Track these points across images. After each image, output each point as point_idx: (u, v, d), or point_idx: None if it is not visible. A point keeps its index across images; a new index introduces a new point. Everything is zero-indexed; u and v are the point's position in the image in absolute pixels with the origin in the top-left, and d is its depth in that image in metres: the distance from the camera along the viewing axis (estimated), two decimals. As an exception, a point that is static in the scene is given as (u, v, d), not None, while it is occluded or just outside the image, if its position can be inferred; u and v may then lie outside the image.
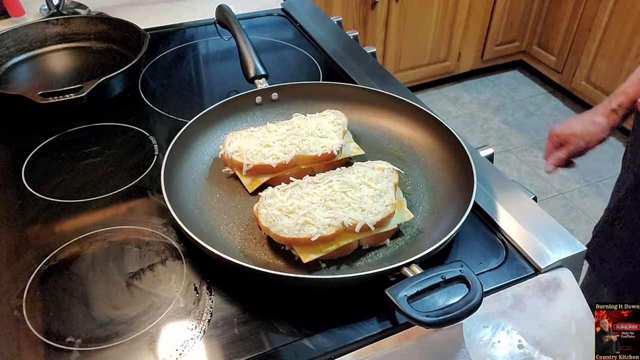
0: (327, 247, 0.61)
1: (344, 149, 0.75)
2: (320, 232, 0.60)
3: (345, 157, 0.76)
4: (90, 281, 0.62)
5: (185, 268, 0.63)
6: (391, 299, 0.50)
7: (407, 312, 0.49)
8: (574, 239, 0.66)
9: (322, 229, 0.61)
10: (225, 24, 0.96)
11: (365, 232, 0.62)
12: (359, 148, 0.78)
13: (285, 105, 0.85)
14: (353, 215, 0.62)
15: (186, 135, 0.75)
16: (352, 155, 0.77)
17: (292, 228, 0.61)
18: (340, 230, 0.61)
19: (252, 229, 0.67)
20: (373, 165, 0.71)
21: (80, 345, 0.55)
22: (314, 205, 0.64)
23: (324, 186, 0.67)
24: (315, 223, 0.61)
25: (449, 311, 0.50)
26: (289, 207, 0.63)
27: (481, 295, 0.51)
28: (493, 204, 0.71)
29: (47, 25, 1.04)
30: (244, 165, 0.71)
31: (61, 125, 0.86)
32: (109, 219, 0.70)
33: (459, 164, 0.71)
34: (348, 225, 0.61)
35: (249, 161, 0.71)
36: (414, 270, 0.55)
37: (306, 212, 0.62)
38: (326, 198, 0.65)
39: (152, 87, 0.98)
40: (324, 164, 0.74)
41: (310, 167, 0.74)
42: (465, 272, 0.53)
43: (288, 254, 0.63)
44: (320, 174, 0.70)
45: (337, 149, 0.73)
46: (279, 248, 0.64)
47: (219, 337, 0.56)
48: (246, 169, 0.71)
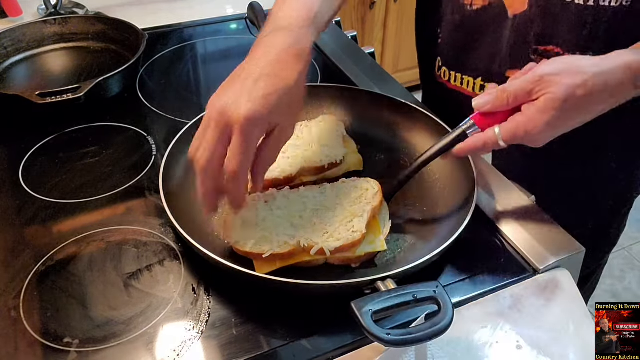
0: (283, 263, 0.61)
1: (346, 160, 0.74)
2: (273, 249, 0.60)
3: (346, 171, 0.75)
4: (88, 282, 0.62)
5: (183, 268, 0.63)
6: (354, 311, 0.49)
7: (367, 327, 0.48)
8: (572, 239, 0.66)
9: (276, 247, 0.60)
10: (254, 21, 0.96)
11: (323, 256, 0.61)
12: (361, 161, 0.76)
13: None
14: (313, 237, 0.61)
15: (188, 133, 0.74)
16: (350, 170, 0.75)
17: (248, 241, 0.61)
18: (297, 249, 0.60)
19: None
20: (357, 184, 0.69)
21: (78, 345, 0.55)
22: (280, 220, 0.63)
23: (297, 202, 0.66)
24: (272, 239, 0.60)
25: (412, 332, 0.49)
26: (253, 219, 0.63)
27: (450, 319, 0.49)
28: (492, 204, 0.71)
29: (44, 25, 1.04)
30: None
31: (59, 126, 0.86)
32: (107, 219, 0.70)
33: (458, 165, 0.71)
34: (304, 246, 0.60)
35: None
36: (388, 285, 0.54)
37: (267, 226, 0.62)
38: (295, 215, 0.64)
39: (150, 87, 0.98)
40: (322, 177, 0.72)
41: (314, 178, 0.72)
42: (439, 293, 0.51)
43: None
44: (301, 188, 0.68)
45: (341, 158, 0.72)
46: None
47: (217, 337, 0.56)
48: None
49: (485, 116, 0.62)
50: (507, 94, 0.60)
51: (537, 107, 0.58)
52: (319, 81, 0.99)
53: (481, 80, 0.86)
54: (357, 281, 0.55)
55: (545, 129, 0.58)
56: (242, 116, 0.54)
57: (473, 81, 0.87)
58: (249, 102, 0.54)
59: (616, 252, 2.04)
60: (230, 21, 1.21)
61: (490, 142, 0.61)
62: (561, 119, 0.58)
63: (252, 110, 0.54)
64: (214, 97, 0.58)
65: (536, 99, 0.58)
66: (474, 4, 0.81)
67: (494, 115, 0.61)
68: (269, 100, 0.55)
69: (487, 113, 0.62)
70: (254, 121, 0.54)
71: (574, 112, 0.58)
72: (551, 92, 0.57)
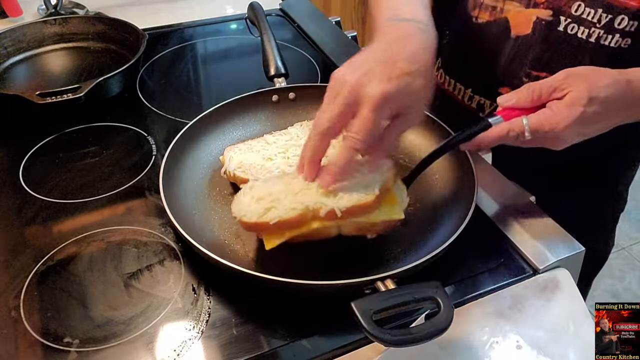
0: (292, 232, 0.58)
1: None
2: (280, 215, 0.57)
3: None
4: (88, 281, 0.62)
5: (183, 268, 0.63)
6: (354, 311, 0.49)
7: (367, 327, 0.48)
8: (572, 239, 0.66)
9: (283, 213, 0.58)
10: (254, 21, 0.96)
11: (334, 220, 0.58)
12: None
13: (302, 106, 0.84)
14: (322, 199, 0.58)
15: (190, 132, 0.75)
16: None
17: (255, 212, 0.58)
18: (307, 214, 0.58)
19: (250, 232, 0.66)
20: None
21: (78, 345, 0.55)
22: (288, 193, 0.60)
23: None
24: (279, 207, 0.58)
25: (412, 332, 0.49)
26: (261, 194, 0.61)
27: (450, 319, 0.49)
28: (492, 204, 0.71)
29: (44, 25, 1.04)
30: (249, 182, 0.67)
31: (59, 126, 0.86)
32: (107, 219, 0.70)
33: (459, 166, 0.71)
34: (313, 209, 0.58)
35: (255, 176, 0.68)
36: (388, 285, 0.54)
37: (275, 198, 0.59)
38: (304, 187, 0.61)
39: (150, 87, 0.98)
40: None
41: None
42: (439, 294, 0.51)
43: (283, 257, 0.62)
44: None
45: None
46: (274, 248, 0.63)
47: (217, 337, 0.56)
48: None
49: (510, 112, 0.62)
50: (532, 89, 0.61)
51: (564, 102, 0.59)
52: (319, 81, 0.99)
53: (471, 92, 0.87)
54: (357, 281, 0.54)
55: (569, 126, 0.58)
56: (377, 94, 0.54)
57: (464, 90, 0.88)
58: (385, 82, 0.55)
59: (616, 252, 2.04)
60: (230, 21, 1.21)
61: (515, 131, 0.61)
62: (585, 119, 0.58)
63: (387, 90, 0.54)
64: (343, 71, 0.58)
65: (562, 96, 0.59)
66: (480, 17, 0.81)
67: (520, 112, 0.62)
68: (405, 82, 0.56)
69: (512, 109, 0.62)
70: (386, 101, 0.55)
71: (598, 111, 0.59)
72: (577, 90, 0.58)
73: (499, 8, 0.78)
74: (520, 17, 0.76)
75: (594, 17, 0.69)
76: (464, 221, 0.61)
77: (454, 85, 0.90)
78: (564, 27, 0.72)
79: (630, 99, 0.60)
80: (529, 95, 0.61)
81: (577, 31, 0.71)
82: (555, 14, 0.72)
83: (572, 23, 0.71)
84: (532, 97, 0.61)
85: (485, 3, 0.80)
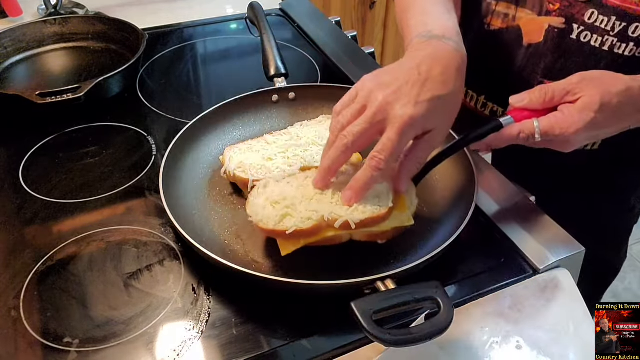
0: (307, 240, 0.60)
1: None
2: (296, 224, 0.59)
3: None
4: (88, 281, 0.62)
5: (183, 268, 0.63)
6: (354, 311, 0.49)
7: (367, 327, 0.48)
8: (572, 239, 0.66)
9: (300, 222, 0.59)
10: (254, 21, 0.96)
11: (348, 230, 0.60)
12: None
13: (302, 106, 0.84)
14: (337, 210, 0.60)
15: (190, 132, 0.74)
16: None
17: (272, 219, 0.59)
18: (322, 224, 0.59)
19: (250, 232, 0.66)
20: None
21: (78, 345, 0.55)
22: (302, 198, 0.61)
23: None
24: (295, 215, 0.59)
25: (412, 332, 0.49)
26: (276, 198, 0.61)
27: (450, 319, 0.49)
28: (492, 204, 0.71)
29: (44, 25, 1.04)
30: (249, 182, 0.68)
31: (59, 125, 0.86)
32: (107, 219, 0.70)
33: (459, 166, 0.71)
34: (328, 219, 0.59)
35: (255, 176, 0.68)
36: (388, 285, 0.54)
37: (290, 203, 0.60)
38: (318, 192, 0.62)
39: (150, 87, 0.98)
40: None
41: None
42: (439, 294, 0.51)
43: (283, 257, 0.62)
44: None
45: None
46: (274, 249, 0.64)
47: (217, 337, 0.56)
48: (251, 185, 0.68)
49: (521, 113, 0.62)
50: (545, 91, 0.61)
51: (576, 107, 0.59)
52: (319, 81, 0.99)
53: (484, 99, 0.86)
54: (357, 281, 0.54)
55: (580, 130, 0.58)
56: (406, 116, 0.55)
57: (477, 97, 0.87)
58: (414, 105, 0.56)
59: (616, 252, 2.04)
60: (230, 21, 1.21)
61: (526, 133, 0.61)
62: (596, 124, 0.59)
63: (415, 114, 0.55)
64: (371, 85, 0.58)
65: (574, 101, 0.59)
66: (492, 24, 0.81)
67: (530, 114, 0.62)
68: (434, 105, 0.56)
69: (524, 110, 0.62)
70: (414, 124, 0.56)
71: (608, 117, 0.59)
72: (589, 95, 0.58)
73: (511, 15, 0.78)
74: (532, 25, 0.75)
75: (608, 24, 0.68)
76: (464, 221, 0.61)
77: (466, 92, 0.89)
78: (577, 35, 0.71)
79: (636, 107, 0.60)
80: (541, 97, 0.61)
81: (590, 39, 0.70)
82: (568, 21, 0.71)
83: (585, 31, 0.70)
84: (544, 99, 0.61)
85: (498, 10, 0.79)
